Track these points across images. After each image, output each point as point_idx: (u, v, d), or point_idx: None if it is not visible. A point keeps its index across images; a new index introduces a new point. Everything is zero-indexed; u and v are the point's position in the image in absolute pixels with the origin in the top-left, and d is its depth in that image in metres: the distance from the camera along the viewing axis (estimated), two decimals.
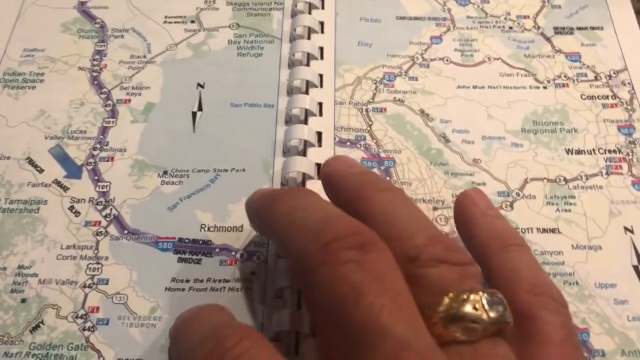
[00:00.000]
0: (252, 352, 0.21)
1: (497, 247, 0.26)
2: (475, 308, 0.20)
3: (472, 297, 0.20)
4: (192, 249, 0.32)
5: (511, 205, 0.34)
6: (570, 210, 0.34)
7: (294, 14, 0.41)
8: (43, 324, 0.30)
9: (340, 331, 0.19)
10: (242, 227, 0.33)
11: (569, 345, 0.23)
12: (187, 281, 0.31)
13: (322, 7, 0.42)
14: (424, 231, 0.23)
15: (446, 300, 0.20)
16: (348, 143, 0.36)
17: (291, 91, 0.38)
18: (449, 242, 0.23)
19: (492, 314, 0.20)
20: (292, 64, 0.39)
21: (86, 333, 0.30)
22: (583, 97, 0.38)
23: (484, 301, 0.20)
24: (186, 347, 0.24)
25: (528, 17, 0.42)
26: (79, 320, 0.30)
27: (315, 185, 0.34)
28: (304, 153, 0.35)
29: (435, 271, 0.21)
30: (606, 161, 0.35)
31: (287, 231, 0.23)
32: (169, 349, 0.26)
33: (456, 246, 0.23)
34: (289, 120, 0.37)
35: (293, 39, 0.40)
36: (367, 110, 0.37)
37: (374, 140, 0.36)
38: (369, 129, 0.37)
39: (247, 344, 0.21)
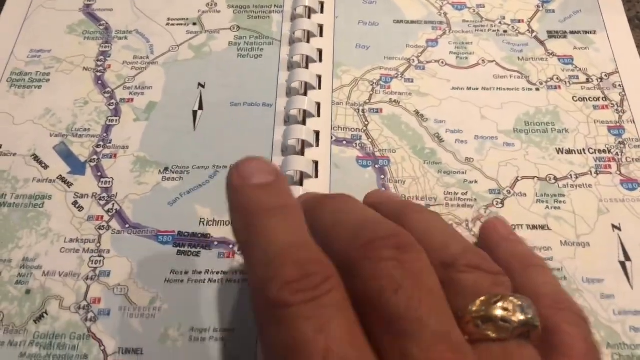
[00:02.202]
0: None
1: (520, 268, 0.27)
2: (506, 310, 0.21)
3: (502, 301, 0.21)
4: (191, 242, 0.33)
5: (502, 203, 0.35)
6: (559, 208, 0.34)
7: (293, 18, 0.42)
8: (47, 314, 0.31)
9: (380, 320, 0.20)
10: None
11: (591, 357, 0.24)
12: (186, 273, 0.32)
13: (322, 11, 0.43)
14: (459, 243, 0.24)
15: (478, 302, 0.21)
16: (344, 142, 0.37)
17: (290, 92, 0.39)
18: (483, 254, 0.24)
19: (521, 317, 0.21)
20: (291, 66, 0.40)
21: (88, 323, 0.31)
22: (575, 98, 0.39)
23: (515, 305, 0.21)
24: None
25: (522, 21, 0.43)
26: (82, 311, 0.31)
27: (313, 184, 0.35)
28: (302, 152, 0.36)
29: (470, 276, 0.22)
30: (596, 161, 0.36)
31: (331, 230, 0.24)
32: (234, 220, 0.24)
33: (489, 258, 0.24)
34: (288, 120, 0.38)
35: (292, 41, 0.41)
36: (363, 111, 0.38)
37: (370, 140, 0.37)
38: (365, 128, 0.38)
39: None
